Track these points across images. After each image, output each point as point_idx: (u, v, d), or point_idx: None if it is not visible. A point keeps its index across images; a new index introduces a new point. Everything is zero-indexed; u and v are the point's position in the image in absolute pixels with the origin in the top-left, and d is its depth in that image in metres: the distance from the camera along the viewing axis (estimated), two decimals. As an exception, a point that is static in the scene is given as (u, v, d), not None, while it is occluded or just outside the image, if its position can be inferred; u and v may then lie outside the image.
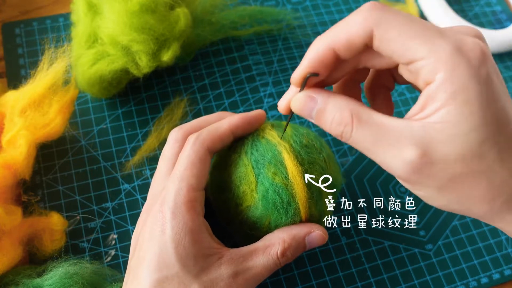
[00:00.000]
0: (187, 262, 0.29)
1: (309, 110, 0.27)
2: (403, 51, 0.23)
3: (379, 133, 0.24)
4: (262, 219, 0.32)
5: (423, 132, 0.23)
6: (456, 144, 0.23)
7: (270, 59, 0.50)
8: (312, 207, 0.33)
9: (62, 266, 0.34)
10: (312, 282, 0.39)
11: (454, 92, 0.22)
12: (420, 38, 0.23)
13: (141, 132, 0.44)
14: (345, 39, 0.25)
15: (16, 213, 0.35)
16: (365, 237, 0.42)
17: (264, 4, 0.54)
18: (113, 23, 0.39)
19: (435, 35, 0.23)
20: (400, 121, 0.24)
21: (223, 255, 0.30)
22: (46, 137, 0.38)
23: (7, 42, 0.47)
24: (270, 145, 0.33)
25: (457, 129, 0.23)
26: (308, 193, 0.32)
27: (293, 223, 0.32)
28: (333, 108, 0.26)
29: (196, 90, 0.47)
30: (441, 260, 0.41)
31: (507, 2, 0.59)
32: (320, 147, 0.34)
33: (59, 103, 0.38)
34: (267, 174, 0.32)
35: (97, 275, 0.35)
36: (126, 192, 0.41)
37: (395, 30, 0.23)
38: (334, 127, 0.26)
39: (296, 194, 0.32)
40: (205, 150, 0.32)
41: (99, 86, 0.41)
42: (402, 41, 0.23)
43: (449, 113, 0.23)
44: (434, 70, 0.23)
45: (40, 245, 0.36)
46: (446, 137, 0.23)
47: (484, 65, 0.23)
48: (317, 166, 0.33)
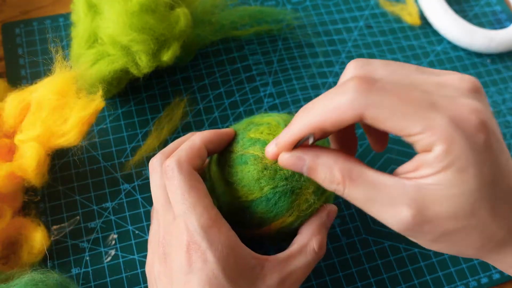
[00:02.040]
0: (238, 281, 0.28)
1: (299, 168, 0.27)
2: (399, 130, 0.23)
3: (371, 191, 0.25)
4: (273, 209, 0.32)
5: (416, 191, 0.24)
6: (449, 204, 0.23)
7: (270, 59, 0.50)
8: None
9: (29, 273, 0.33)
10: (312, 282, 0.39)
11: (450, 161, 0.23)
12: (414, 116, 0.23)
13: (141, 132, 0.44)
14: (333, 121, 0.24)
15: (6, 215, 0.35)
16: (365, 237, 0.42)
17: (264, 4, 0.54)
18: (113, 23, 0.39)
19: (429, 109, 0.23)
20: (392, 179, 0.24)
21: (264, 265, 0.30)
22: (61, 146, 0.37)
23: (7, 42, 0.47)
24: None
25: (449, 192, 0.23)
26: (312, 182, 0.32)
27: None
28: (322, 168, 0.26)
29: (196, 90, 0.47)
30: (441, 260, 0.41)
31: (507, 2, 0.59)
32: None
33: (81, 113, 0.36)
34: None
35: (63, 286, 0.34)
36: (126, 192, 0.41)
37: (386, 112, 0.23)
38: (327, 185, 0.26)
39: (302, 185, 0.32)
40: (192, 168, 0.31)
41: (99, 86, 0.41)
42: (395, 121, 0.23)
43: (444, 178, 0.23)
44: (432, 143, 0.23)
45: (18, 251, 0.36)
46: (438, 198, 0.23)
47: (481, 132, 0.23)
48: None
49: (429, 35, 0.54)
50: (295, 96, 0.48)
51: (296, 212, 0.32)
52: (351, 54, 0.52)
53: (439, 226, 0.24)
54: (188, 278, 0.28)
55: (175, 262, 0.29)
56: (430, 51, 0.53)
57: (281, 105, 0.47)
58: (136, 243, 0.39)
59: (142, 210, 0.41)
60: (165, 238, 0.31)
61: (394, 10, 0.55)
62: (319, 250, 0.32)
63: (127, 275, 0.38)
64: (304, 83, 0.49)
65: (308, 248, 0.32)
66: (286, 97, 0.48)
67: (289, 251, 0.31)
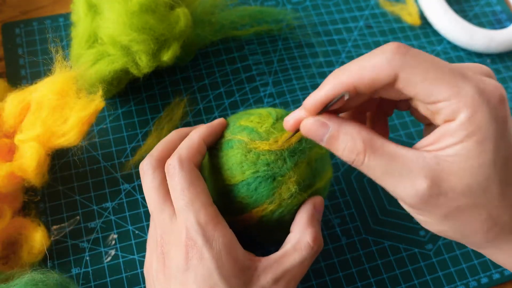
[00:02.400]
0: (231, 280, 0.28)
1: (320, 136, 0.27)
2: (427, 94, 0.24)
3: (391, 162, 0.25)
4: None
5: (435, 163, 0.24)
6: (465, 177, 0.24)
7: (270, 59, 0.50)
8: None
9: (29, 273, 0.33)
10: (312, 282, 0.39)
11: (473, 130, 0.24)
12: (444, 82, 0.24)
13: (141, 132, 0.44)
14: (369, 79, 0.25)
15: (6, 215, 0.35)
16: (365, 237, 0.42)
17: (264, 4, 0.54)
18: (113, 23, 0.39)
19: (458, 77, 0.24)
20: (412, 151, 0.25)
21: (257, 266, 0.30)
22: (61, 146, 0.37)
23: (7, 42, 0.47)
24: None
25: (467, 164, 0.24)
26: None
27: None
28: (345, 136, 0.26)
29: (196, 90, 0.47)
30: (441, 260, 0.41)
31: (507, 2, 0.59)
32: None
33: (81, 113, 0.36)
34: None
35: (63, 286, 0.34)
36: (126, 192, 0.41)
37: (420, 75, 0.24)
38: (346, 154, 0.26)
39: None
40: (195, 166, 0.32)
41: (99, 86, 0.41)
42: (426, 85, 0.24)
43: (464, 149, 0.24)
44: (457, 111, 0.24)
45: (18, 251, 0.36)
46: (456, 170, 0.24)
47: (502, 107, 0.24)
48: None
49: (429, 35, 0.54)
50: (295, 96, 0.48)
51: (277, 201, 0.32)
52: (351, 54, 0.52)
53: (453, 200, 0.24)
54: (185, 275, 0.29)
55: (173, 260, 0.29)
56: (430, 51, 0.53)
57: (281, 105, 0.47)
58: (136, 243, 0.39)
59: (142, 210, 0.41)
60: (163, 237, 0.31)
61: (394, 10, 0.55)
62: (313, 244, 0.31)
63: (127, 275, 0.38)
64: (304, 83, 0.49)
65: (302, 243, 0.31)
66: (286, 97, 0.48)
67: (282, 250, 0.31)
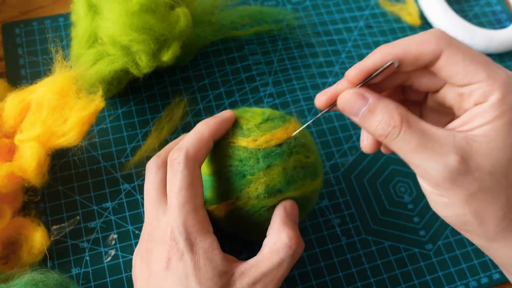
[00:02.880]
0: (207, 284, 0.29)
1: (357, 108, 0.28)
2: (464, 74, 0.26)
3: (423, 138, 0.26)
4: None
5: (465, 142, 0.26)
6: (491, 157, 0.25)
7: (270, 59, 0.50)
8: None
9: (29, 273, 0.33)
10: (312, 282, 0.39)
11: (503, 111, 0.25)
12: (481, 65, 0.26)
13: (141, 132, 0.44)
14: (416, 52, 0.27)
15: (6, 215, 0.35)
16: (365, 237, 0.42)
17: (264, 4, 0.54)
18: (113, 23, 0.39)
19: (493, 65, 0.26)
20: (443, 130, 0.26)
21: (234, 271, 0.30)
22: (61, 146, 0.37)
23: (7, 42, 0.47)
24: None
25: (495, 144, 0.25)
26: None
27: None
28: (383, 110, 0.27)
29: (196, 90, 0.47)
30: (441, 260, 0.41)
31: (507, 2, 0.59)
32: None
33: (81, 113, 0.36)
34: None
35: (63, 286, 0.34)
36: (126, 192, 0.41)
37: (461, 54, 0.26)
38: (381, 127, 0.27)
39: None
40: (198, 167, 0.32)
41: (99, 86, 0.41)
42: (465, 65, 0.26)
43: (493, 129, 0.25)
44: (488, 93, 0.25)
45: (18, 251, 0.36)
46: (484, 149, 0.25)
47: None
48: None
49: (429, 35, 0.54)
50: (295, 96, 0.48)
51: (245, 199, 0.33)
52: (351, 54, 0.52)
53: (478, 180, 0.26)
54: (164, 274, 0.29)
55: (155, 258, 0.30)
56: (430, 51, 0.53)
57: (281, 105, 0.47)
58: (136, 243, 0.39)
59: (142, 210, 0.41)
60: (150, 234, 0.31)
61: (394, 10, 0.55)
62: (291, 243, 0.30)
63: (127, 275, 0.38)
64: (304, 83, 0.49)
65: (279, 244, 0.30)
66: (286, 97, 0.48)
67: (260, 254, 0.31)
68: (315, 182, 0.35)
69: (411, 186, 0.45)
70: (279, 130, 0.34)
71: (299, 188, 0.34)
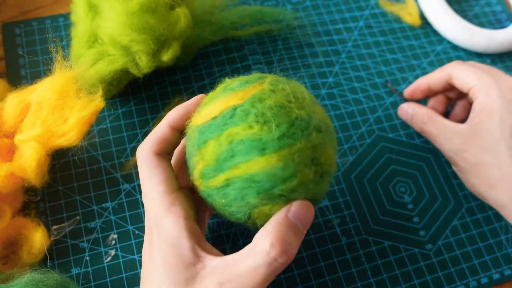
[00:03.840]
0: (171, 274, 0.28)
1: (405, 115, 0.46)
2: (465, 82, 0.41)
3: (439, 129, 0.42)
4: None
5: (467, 127, 0.40)
6: (481, 138, 0.39)
7: (270, 59, 0.50)
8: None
9: (29, 273, 0.33)
10: (312, 282, 0.39)
11: (485, 105, 0.39)
12: (474, 75, 0.40)
13: (141, 132, 0.44)
14: (435, 78, 0.44)
15: (6, 215, 0.35)
16: (365, 237, 0.42)
17: (264, 4, 0.54)
18: (113, 23, 0.39)
19: (484, 73, 0.40)
20: (453, 123, 0.41)
21: (206, 264, 0.28)
22: (61, 146, 0.37)
23: (7, 42, 0.47)
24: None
25: (482, 127, 0.38)
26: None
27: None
28: (417, 114, 0.44)
29: (196, 90, 0.47)
30: (441, 260, 0.41)
31: (507, 2, 0.59)
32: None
33: (81, 113, 0.36)
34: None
35: (63, 286, 0.34)
36: (126, 192, 0.41)
37: (462, 72, 0.42)
38: (416, 122, 0.44)
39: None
40: (152, 154, 0.31)
41: (99, 86, 0.41)
42: (464, 77, 0.41)
43: (479, 117, 0.39)
44: (478, 93, 0.40)
45: (18, 251, 0.36)
46: (479, 132, 0.39)
47: (511, 92, 0.38)
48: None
49: (429, 35, 0.54)
50: (295, 96, 0.48)
51: (196, 180, 0.30)
52: (351, 54, 0.52)
53: (476, 154, 0.39)
54: (144, 258, 0.31)
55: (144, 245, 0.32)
56: (430, 51, 0.53)
57: (281, 105, 0.47)
58: (136, 243, 0.39)
59: (142, 210, 0.41)
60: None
61: (394, 10, 0.55)
62: (271, 250, 0.26)
63: (127, 275, 0.38)
64: (304, 83, 0.49)
65: (258, 248, 0.27)
66: (286, 97, 0.48)
67: (239, 252, 0.28)
68: (265, 158, 0.27)
69: (411, 186, 0.45)
70: (222, 100, 0.29)
71: (239, 167, 0.27)
